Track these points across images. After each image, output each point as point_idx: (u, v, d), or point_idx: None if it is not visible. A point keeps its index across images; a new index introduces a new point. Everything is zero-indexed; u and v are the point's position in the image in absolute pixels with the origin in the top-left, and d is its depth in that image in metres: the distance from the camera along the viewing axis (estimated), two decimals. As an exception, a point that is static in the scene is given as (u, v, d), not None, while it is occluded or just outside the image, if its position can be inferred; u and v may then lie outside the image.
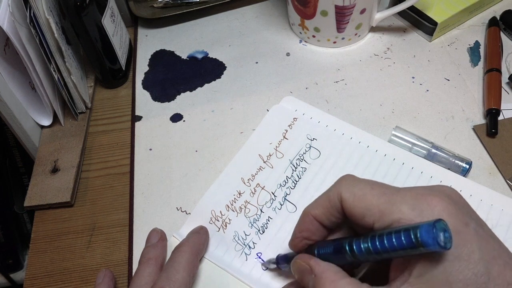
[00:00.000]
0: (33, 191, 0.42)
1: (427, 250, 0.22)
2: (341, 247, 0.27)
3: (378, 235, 0.25)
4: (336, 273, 0.27)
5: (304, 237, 0.30)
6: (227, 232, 0.38)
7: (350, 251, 0.26)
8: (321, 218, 0.29)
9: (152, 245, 0.36)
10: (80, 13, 0.42)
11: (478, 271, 0.23)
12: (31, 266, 0.39)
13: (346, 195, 0.27)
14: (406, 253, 0.23)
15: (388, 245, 0.24)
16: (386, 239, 0.24)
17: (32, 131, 0.45)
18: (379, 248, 0.24)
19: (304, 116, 0.45)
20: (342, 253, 0.27)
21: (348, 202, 0.27)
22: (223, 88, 0.49)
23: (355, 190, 0.27)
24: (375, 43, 0.52)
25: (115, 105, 0.50)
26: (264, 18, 0.56)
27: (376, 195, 0.26)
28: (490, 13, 0.53)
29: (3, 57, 0.41)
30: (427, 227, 0.22)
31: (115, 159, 0.45)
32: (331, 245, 0.28)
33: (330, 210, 0.28)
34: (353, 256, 0.26)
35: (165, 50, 0.54)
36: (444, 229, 0.22)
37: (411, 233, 0.23)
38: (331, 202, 0.28)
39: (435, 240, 0.22)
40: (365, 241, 0.25)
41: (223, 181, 0.41)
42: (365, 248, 0.25)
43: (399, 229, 0.24)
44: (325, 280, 0.27)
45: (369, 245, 0.25)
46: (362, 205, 0.26)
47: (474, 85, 0.47)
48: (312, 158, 0.42)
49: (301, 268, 0.29)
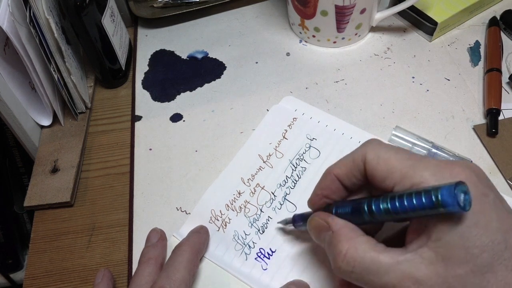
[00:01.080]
0: (33, 191, 0.42)
1: (446, 210, 0.23)
2: (360, 207, 0.27)
3: (398, 196, 0.25)
4: (353, 230, 0.27)
5: (324, 195, 0.31)
6: (227, 231, 0.38)
7: (368, 211, 0.27)
8: (342, 178, 0.29)
9: (152, 245, 0.36)
10: (80, 13, 0.42)
11: (496, 239, 0.23)
12: (31, 266, 0.39)
13: (370, 156, 0.28)
14: (425, 213, 0.24)
15: (408, 205, 0.24)
16: (406, 199, 0.24)
17: (32, 131, 0.45)
18: (398, 208, 0.25)
19: (304, 116, 0.45)
20: (360, 212, 0.27)
21: (372, 164, 0.27)
22: (223, 88, 0.49)
23: (380, 153, 0.27)
24: (375, 43, 0.52)
25: (115, 105, 0.50)
26: (264, 18, 0.56)
27: (400, 159, 0.27)
28: (490, 13, 0.53)
29: (3, 57, 0.41)
30: (448, 187, 0.22)
31: (115, 159, 0.45)
32: (350, 204, 0.28)
33: (353, 170, 0.29)
34: (371, 216, 0.26)
35: (165, 50, 0.54)
36: (465, 191, 0.23)
37: (431, 193, 0.23)
38: (355, 162, 0.28)
39: (455, 201, 0.22)
40: (384, 201, 0.26)
41: (223, 181, 0.41)
42: (384, 208, 0.26)
43: (419, 190, 0.24)
44: (343, 237, 0.27)
45: (388, 205, 0.25)
46: (384, 167, 0.27)
47: (474, 85, 0.47)
48: (312, 158, 0.42)
49: (318, 224, 0.29)
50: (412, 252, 0.25)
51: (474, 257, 0.23)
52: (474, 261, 0.23)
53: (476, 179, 0.25)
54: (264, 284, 0.35)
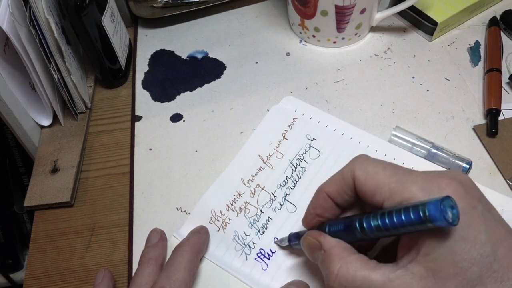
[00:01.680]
0: (33, 191, 0.42)
1: (434, 225, 0.23)
2: (351, 224, 0.27)
3: (387, 212, 0.25)
4: (345, 249, 0.28)
5: (317, 214, 0.31)
6: (227, 232, 0.38)
7: (360, 228, 0.27)
8: (334, 195, 0.30)
9: (152, 245, 0.36)
10: (80, 13, 0.42)
11: (484, 252, 0.24)
12: (31, 266, 0.39)
13: (359, 172, 0.28)
14: (415, 228, 0.24)
15: (397, 221, 0.24)
16: (395, 216, 0.25)
17: (32, 131, 0.45)
18: (388, 225, 0.25)
19: (304, 116, 0.45)
20: (352, 230, 0.27)
21: (360, 180, 0.28)
22: (223, 88, 0.49)
23: (368, 168, 0.28)
24: (375, 43, 0.52)
25: (115, 105, 0.50)
26: (264, 18, 0.56)
27: (388, 174, 0.27)
28: (490, 13, 0.53)
29: (3, 57, 0.41)
30: (435, 203, 0.23)
31: (115, 159, 0.45)
32: (342, 222, 0.29)
33: (343, 187, 0.29)
34: (363, 233, 0.27)
35: (165, 50, 0.54)
36: (452, 206, 0.23)
37: (419, 208, 0.23)
38: (345, 180, 0.29)
39: (442, 216, 0.22)
40: (375, 218, 0.26)
41: (223, 182, 0.41)
42: (375, 225, 0.26)
43: (408, 205, 0.24)
44: (334, 256, 0.27)
45: (379, 222, 0.26)
46: (373, 183, 0.27)
47: (474, 85, 0.47)
48: (312, 158, 0.42)
49: (311, 244, 0.30)
50: (403, 268, 0.25)
51: (463, 270, 0.24)
52: (464, 275, 0.24)
53: (463, 191, 0.25)
54: (264, 284, 0.35)
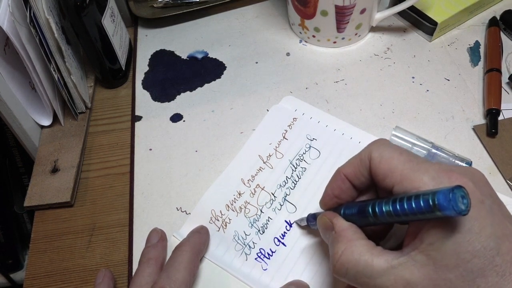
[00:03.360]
0: (33, 191, 0.42)
1: (443, 214, 0.23)
2: (365, 209, 0.28)
3: (399, 199, 0.26)
4: (354, 233, 0.28)
5: (334, 195, 0.32)
6: (227, 231, 0.38)
7: (372, 212, 0.27)
8: (351, 177, 0.31)
9: (152, 245, 0.36)
10: (80, 13, 0.42)
11: (488, 245, 0.24)
12: (31, 266, 0.39)
13: (375, 155, 0.29)
14: (424, 216, 0.24)
15: (407, 208, 0.25)
16: (406, 202, 0.25)
17: (32, 131, 0.45)
18: (398, 211, 0.26)
19: (304, 116, 0.45)
20: (365, 214, 0.28)
21: (375, 162, 0.28)
22: (223, 88, 0.49)
23: (384, 152, 0.28)
24: (375, 43, 0.52)
25: (115, 105, 0.50)
26: (264, 18, 0.56)
27: (402, 160, 0.27)
28: (490, 13, 0.53)
29: (3, 57, 0.41)
30: (445, 192, 0.23)
31: (115, 159, 0.45)
32: (356, 206, 0.29)
33: (360, 169, 0.30)
34: (375, 218, 0.27)
35: (165, 50, 0.54)
36: (463, 196, 0.23)
37: (429, 197, 0.24)
38: (362, 161, 0.30)
39: (450, 205, 0.22)
40: (387, 204, 0.26)
41: (223, 182, 0.41)
42: (386, 210, 0.26)
43: (419, 193, 0.25)
44: (342, 238, 0.28)
45: (390, 208, 0.26)
46: (386, 166, 0.28)
47: (474, 85, 0.47)
48: (312, 158, 0.42)
49: (325, 224, 0.31)
50: (406, 256, 0.26)
51: (465, 262, 0.24)
52: (465, 266, 0.24)
53: (473, 185, 0.25)
54: (264, 284, 0.35)
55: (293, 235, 0.37)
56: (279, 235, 0.37)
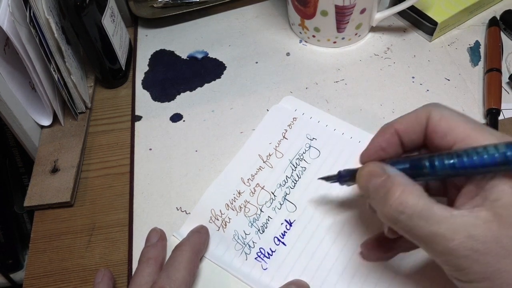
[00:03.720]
0: (33, 191, 0.42)
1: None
2: (420, 163, 0.27)
3: (465, 152, 0.25)
4: (409, 179, 0.28)
5: (381, 147, 0.30)
6: (227, 231, 0.38)
7: (430, 166, 0.27)
8: (403, 133, 0.30)
9: (152, 245, 0.36)
10: (80, 13, 0.42)
11: None
12: (31, 266, 0.39)
13: (434, 113, 0.28)
14: (494, 169, 0.24)
15: (478, 161, 0.25)
16: (477, 155, 0.25)
17: (32, 131, 0.45)
18: (466, 164, 0.25)
19: (303, 116, 0.45)
20: (420, 167, 0.27)
21: (435, 119, 0.28)
22: (223, 88, 0.49)
23: (444, 111, 0.28)
24: (375, 43, 0.52)
25: (115, 105, 0.50)
26: (264, 18, 0.56)
27: (464, 120, 0.27)
28: (490, 13, 0.53)
29: (3, 57, 0.41)
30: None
31: (115, 159, 0.45)
32: (407, 161, 0.29)
33: (414, 126, 0.29)
34: (432, 171, 0.27)
35: (165, 50, 0.54)
36: None
37: (506, 149, 0.24)
38: (418, 119, 0.29)
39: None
40: (450, 157, 0.26)
41: (222, 181, 0.41)
42: (449, 163, 0.26)
43: (490, 147, 0.25)
44: (398, 181, 0.27)
45: (455, 161, 0.26)
46: (447, 124, 0.28)
47: (474, 85, 0.47)
48: (311, 158, 0.42)
49: (372, 170, 0.29)
50: (468, 209, 0.25)
51: None
52: None
53: None
54: (264, 284, 0.35)
55: (293, 234, 0.37)
56: (279, 235, 0.37)
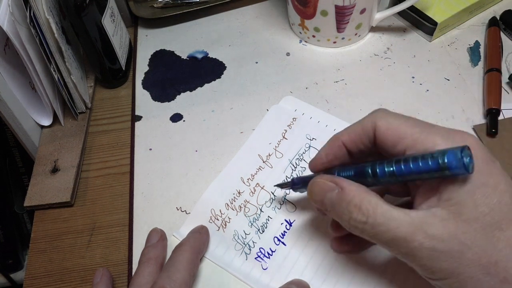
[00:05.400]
0: (33, 191, 0.42)
1: (451, 173, 0.24)
2: (363, 170, 0.28)
3: (403, 159, 0.26)
4: (362, 187, 0.28)
5: (328, 160, 0.31)
6: (227, 231, 0.38)
7: (372, 173, 0.27)
8: (350, 144, 0.30)
9: (152, 245, 0.36)
10: (80, 13, 0.42)
11: (503, 199, 0.25)
12: (31, 266, 0.39)
13: (380, 123, 0.29)
14: (430, 175, 0.25)
15: (414, 168, 0.26)
16: (412, 163, 0.26)
17: (32, 131, 0.45)
18: (403, 171, 0.26)
19: (303, 116, 0.45)
20: (364, 175, 0.28)
21: (382, 129, 0.28)
22: (223, 88, 0.49)
23: (390, 120, 0.29)
24: (375, 43, 0.52)
25: (115, 105, 0.50)
26: (264, 18, 0.56)
27: (410, 125, 0.28)
28: (490, 13, 0.53)
29: (3, 57, 0.41)
30: (454, 151, 0.24)
31: (115, 159, 0.45)
32: (352, 168, 0.29)
33: (362, 137, 0.30)
34: (375, 179, 0.27)
35: (165, 50, 0.54)
36: (470, 155, 0.24)
37: (438, 157, 0.24)
38: (364, 129, 0.29)
39: (461, 163, 0.24)
40: (389, 165, 0.27)
41: (222, 181, 0.41)
42: (388, 171, 0.27)
43: (426, 154, 0.25)
44: (354, 192, 0.28)
45: (393, 168, 0.27)
46: (395, 133, 0.28)
47: (474, 85, 0.47)
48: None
49: (323, 186, 0.30)
50: (425, 210, 0.26)
51: (483, 215, 0.25)
52: (483, 219, 0.25)
53: (481, 146, 0.26)
54: (264, 283, 0.35)
55: (293, 234, 0.37)
56: (279, 235, 0.37)
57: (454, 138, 0.26)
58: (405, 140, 0.27)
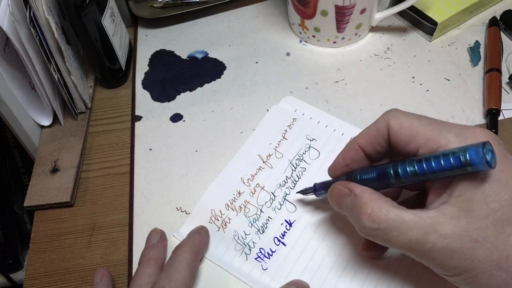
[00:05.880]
0: (33, 191, 0.42)
1: (474, 169, 0.24)
2: (385, 172, 0.29)
3: (424, 158, 0.26)
4: (375, 193, 0.29)
5: (346, 164, 0.32)
6: (227, 231, 0.38)
7: (394, 174, 0.28)
8: (366, 147, 0.31)
9: (152, 245, 0.36)
10: (80, 13, 0.42)
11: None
12: (31, 266, 0.39)
13: (393, 122, 0.29)
14: (453, 173, 0.25)
15: (436, 166, 0.26)
16: (434, 162, 0.26)
17: (32, 131, 0.45)
18: (426, 170, 0.26)
19: (303, 116, 0.45)
20: (386, 177, 0.28)
21: (395, 129, 0.29)
22: (223, 88, 0.49)
23: (402, 119, 0.29)
24: (375, 43, 0.52)
25: (115, 105, 0.50)
26: (264, 18, 0.56)
27: (423, 123, 0.28)
28: (490, 13, 0.53)
29: (3, 57, 0.41)
30: (476, 148, 0.24)
31: (115, 159, 0.45)
32: (374, 170, 0.30)
33: (377, 138, 0.30)
34: (397, 179, 0.28)
35: (165, 50, 0.54)
36: (491, 150, 0.24)
37: (460, 154, 0.25)
38: (379, 131, 0.30)
39: (484, 160, 0.24)
40: (411, 165, 0.27)
41: (222, 181, 0.41)
42: (411, 171, 0.27)
43: (446, 152, 0.25)
44: (366, 198, 0.28)
45: (415, 168, 0.27)
46: (408, 132, 0.28)
47: (474, 85, 0.47)
48: (311, 158, 0.42)
49: (340, 192, 0.31)
50: (435, 209, 0.27)
51: (494, 211, 0.25)
52: (494, 215, 0.25)
53: (495, 141, 0.26)
54: (264, 284, 0.35)
55: (293, 234, 0.37)
56: (279, 235, 0.37)
57: (466, 134, 0.27)
58: (417, 138, 0.28)
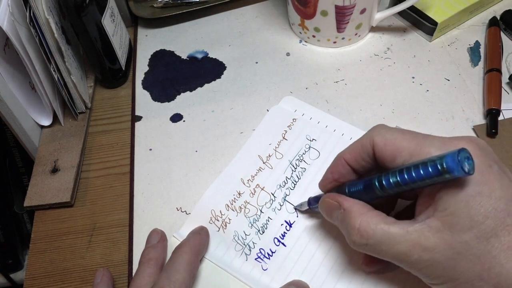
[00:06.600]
0: (33, 191, 0.42)
1: (452, 176, 0.24)
2: (371, 183, 0.29)
3: (405, 168, 0.27)
4: (363, 206, 0.29)
5: (334, 178, 0.33)
6: (227, 232, 0.38)
7: (379, 185, 0.28)
8: (352, 162, 0.32)
9: (152, 246, 0.36)
10: (80, 13, 0.42)
11: (498, 207, 0.25)
12: (31, 266, 0.39)
13: (378, 139, 0.30)
14: (432, 181, 0.25)
15: (416, 175, 0.26)
16: (414, 171, 0.26)
17: (32, 131, 0.45)
18: (407, 180, 0.27)
19: (303, 116, 0.45)
20: (372, 188, 0.29)
21: (380, 146, 0.29)
22: (223, 88, 0.49)
23: (386, 135, 0.29)
24: (375, 43, 0.52)
25: (115, 105, 0.50)
26: (264, 18, 0.56)
27: (407, 139, 0.29)
28: (490, 13, 0.53)
29: (3, 57, 0.41)
30: (452, 155, 0.24)
31: (115, 159, 0.45)
32: (361, 182, 0.30)
33: (362, 154, 0.31)
34: (382, 190, 0.28)
35: (165, 50, 0.54)
36: (468, 157, 0.24)
37: (437, 161, 0.25)
38: (363, 147, 0.30)
39: (459, 166, 0.24)
40: (394, 175, 0.28)
41: (222, 181, 0.41)
42: (394, 181, 0.28)
43: (425, 160, 0.26)
44: (354, 213, 0.29)
45: (397, 178, 0.27)
46: (393, 148, 0.29)
47: (474, 85, 0.47)
48: (311, 159, 0.42)
49: (330, 205, 0.31)
50: (420, 222, 0.27)
51: (478, 223, 0.25)
52: (478, 227, 0.25)
53: (480, 151, 0.26)
54: (264, 284, 0.35)
55: (293, 235, 0.37)
56: (279, 235, 0.37)
57: (448, 147, 0.27)
58: (402, 154, 0.28)
